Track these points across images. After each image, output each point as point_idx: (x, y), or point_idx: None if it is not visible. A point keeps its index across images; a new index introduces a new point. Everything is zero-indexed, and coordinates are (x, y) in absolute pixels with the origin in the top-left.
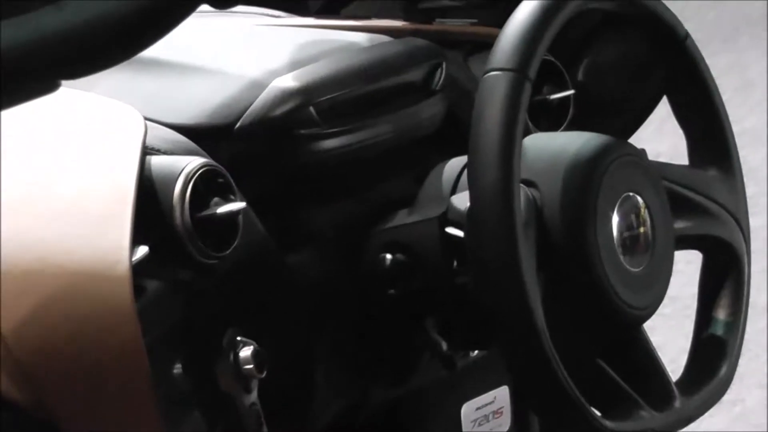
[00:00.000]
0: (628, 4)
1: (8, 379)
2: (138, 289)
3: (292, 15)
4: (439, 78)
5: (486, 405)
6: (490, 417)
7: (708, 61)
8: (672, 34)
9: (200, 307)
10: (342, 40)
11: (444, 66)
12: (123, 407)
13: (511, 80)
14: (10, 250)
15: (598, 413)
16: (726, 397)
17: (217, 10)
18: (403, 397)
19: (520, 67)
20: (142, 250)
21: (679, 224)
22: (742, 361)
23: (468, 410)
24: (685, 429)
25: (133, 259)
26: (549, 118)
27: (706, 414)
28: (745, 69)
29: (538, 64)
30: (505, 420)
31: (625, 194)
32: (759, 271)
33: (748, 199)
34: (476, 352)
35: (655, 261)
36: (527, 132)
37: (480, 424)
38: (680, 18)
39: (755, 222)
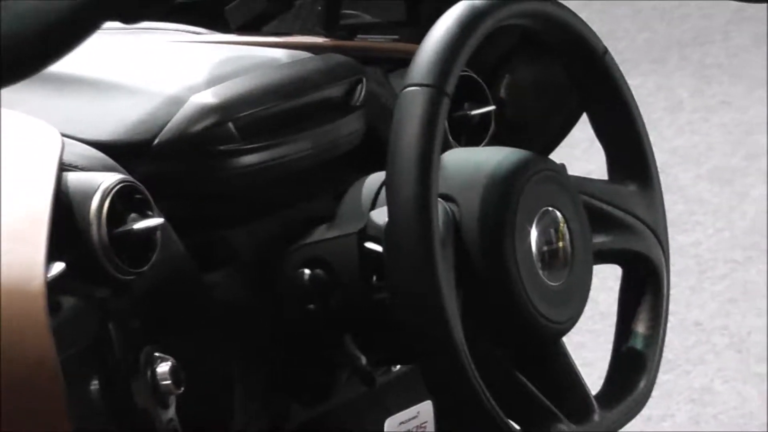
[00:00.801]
0: (544, 21)
1: None
2: (54, 305)
3: (213, 32)
4: (359, 94)
5: (409, 420)
6: (414, 431)
7: (637, 81)
8: (590, 50)
9: (117, 323)
10: (262, 56)
11: (364, 82)
12: (36, 425)
13: (428, 96)
14: None
15: (517, 427)
16: (655, 412)
17: (127, 26)
18: (324, 415)
19: (437, 83)
20: (58, 267)
21: (599, 239)
22: (671, 377)
23: (391, 425)
24: None
25: (49, 275)
26: (470, 134)
27: (636, 429)
28: (674, 90)
29: (455, 80)
30: None
31: (543, 209)
32: (687, 288)
33: (677, 216)
34: (399, 366)
35: (574, 275)
36: (448, 147)
37: None
38: (611, 38)
39: (686, 239)
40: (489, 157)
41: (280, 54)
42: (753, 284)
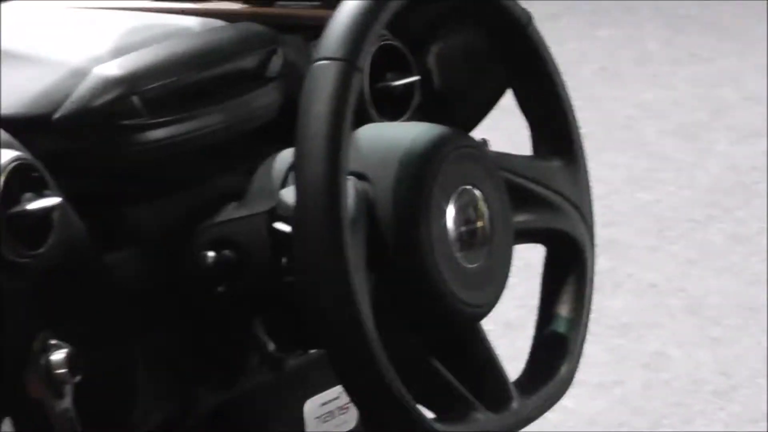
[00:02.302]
0: None
1: None
2: None
3: None
4: (275, 65)
5: (331, 401)
6: (336, 413)
7: (607, 32)
8: (512, 21)
9: (10, 308)
10: (172, 26)
11: (280, 52)
12: None
13: (338, 70)
14: None
15: (431, 415)
16: (607, 379)
17: None
18: (234, 399)
19: (348, 56)
20: None
21: (520, 217)
22: (624, 341)
23: (312, 407)
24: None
25: None
26: (393, 106)
27: (584, 396)
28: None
29: (368, 53)
30: (352, 416)
31: (461, 187)
32: (645, 248)
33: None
34: None
35: (493, 256)
36: (369, 120)
37: (325, 421)
38: None
39: (646, 197)
40: (405, 133)
41: (192, 23)
42: (712, 244)
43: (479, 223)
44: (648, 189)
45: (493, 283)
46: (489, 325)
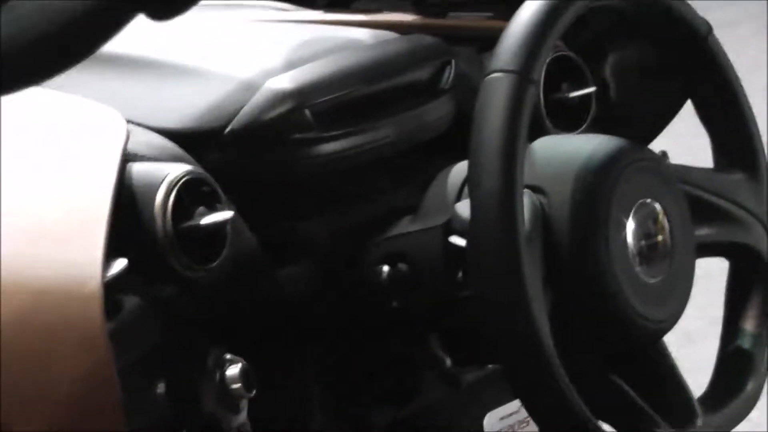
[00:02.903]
0: (639, 2)
1: None
2: (115, 305)
3: (299, 7)
4: (448, 77)
5: (511, 414)
6: (516, 427)
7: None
8: (691, 32)
9: (183, 323)
10: (343, 38)
11: (453, 64)
12: None
13: (512, 83)
14: None
15: None
16: None
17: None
18: (410, 417)
19: (522, 69)
20: (120, 264)
21: (702, 231)
22: None
23: (491, 421)
24: None
25: (110, 273)
26: (569, 118)
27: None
28: None
29: (543, 66)
30: (533, 429)
31: (640, 201)
32: None
33: None
34: None
35: (675, 270)
36: (544, 133)
37: None
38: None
39: None
40: (581, 146)
41: (364, 35)
42: None
43: (660, 237)
44: None
45: (674, 297)
46: (669, 336)
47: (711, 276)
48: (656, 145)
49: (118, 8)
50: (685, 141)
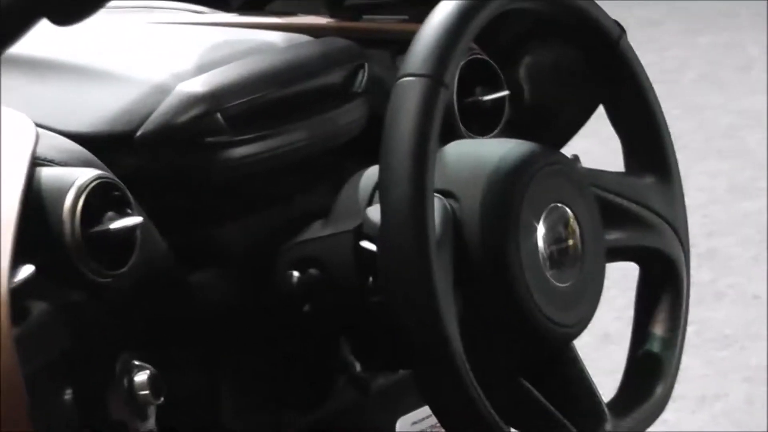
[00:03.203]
0: (552, 4)
1: None
2: (22, 312)
3: (214, 10)
4: (361, 80)
5: (423, 419)
6: (428, 431)
7: (708, 38)
8: (603, 36)
9: (92, 330)
10: (256, 41)
11: (366, 67)
12: None
13: (424, 87)
14: None
15: None
16: (709, 392)
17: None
18: (321, 421)
19: (434, 73)
20: (27, 270)
21: (613, 235)
22: (726, 354)
23: (403, 425)
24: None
25: (16, 279)
26: (482, 121)
27: (686, 410)
28: (746, 47)
29: (455, 70)
30: None
31: (551, 205)
32: (749, 259)
33: (743, 182)
34: None
35: (585, 275)
36: (458, 137)
37: None
38: None
39: (750, 206)
40: (493, 150)
41: (277, 38)
42: None
43: (570, 242)
44: (751, 198)
45: (585, 302)
46: (586, 337)
47: (629, 278)
48: (579, 147)
49: (21, 12)
50: (611, 143)
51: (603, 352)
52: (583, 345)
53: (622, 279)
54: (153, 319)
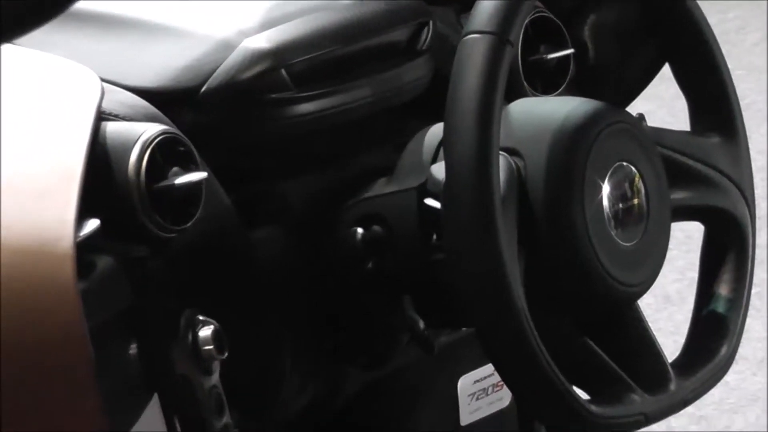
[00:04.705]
0: None
1: None
2: (87, 266)
3: None
4: (426, 38)
5: (485, 378)
6: (490, 390)
7: None
8: None
9: (156, 284)
10: None
11: (431, 25)
12: (63, 394)
13: (489, 44)
14: None
15: (585, 397)
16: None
17: None
18: (383, 378)
19: (499, 31)
20: (93, 224)
21: (678, 194)
22: None
23: (465, 384)
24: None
25: (82, 233)
26: (547, 80)
27: (747, 373)
28: None
29: (521, 27)
30: (506, 393)
31: (617, 163)
32: None
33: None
34: None
35: (650, 234)
36: (522, 95)
37: (479, 398)
38: None
39: None
40: (557, 108)
41: None
42: None
43: (635, 201)
44: None
45: (649, 262)
46: (648, 298)
47: (691, 239)
48: (643, 109)
49: None
50: (677, 104)
51: (664, 313)
52: (645, 306)
53: (684, 240)
54: (216, 274)
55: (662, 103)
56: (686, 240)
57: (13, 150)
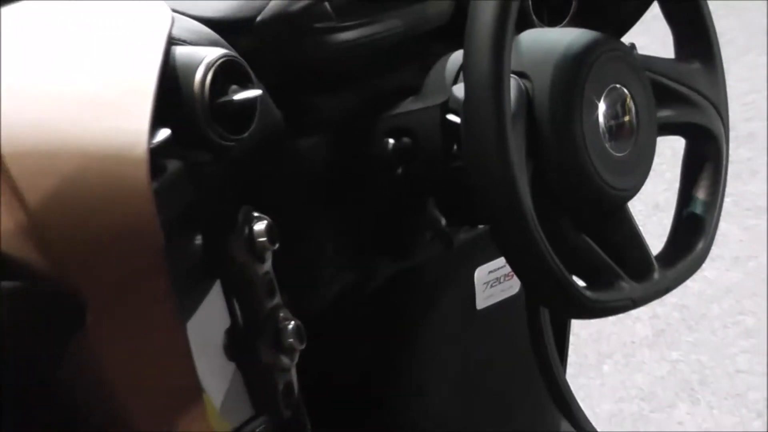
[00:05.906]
0: None
1: (36, 251)
2: (158, 168)
3: None
4: None
5: (498, 269)
6: (502, 279)
7: None
8: None
9: (217, 185)
10: None
11: None
12: (139, 278)
13: None
14: (33, 130)
15: (581, 284)
16: (742, 254)
17: None
18: (410, 269)
19: None
20: (164, 133)
21: (663, 112)
22: (757, 222)
23: (481, 274)
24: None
25: (154, 141)
26: (552, 13)
27: (722, 269)
28: None
29: None
30: (516, 282)
31: (611, 85)
32: None
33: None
34: None
35: (639, 146)
36: (530, 26)
37: (492, 286)
38: None
39: None
40: (561, 37)
41: None
42: None
43: (626, 118)
44: None
45: (638, 170)
46: (639, 205)
47: (678, 155)
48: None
49: None
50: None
51: (653, 218)
52: (637, 213)
53: (672, 156)
54: (268, 177)
55: (655, 38)
56: (674, 156)
57: (98, 70)
